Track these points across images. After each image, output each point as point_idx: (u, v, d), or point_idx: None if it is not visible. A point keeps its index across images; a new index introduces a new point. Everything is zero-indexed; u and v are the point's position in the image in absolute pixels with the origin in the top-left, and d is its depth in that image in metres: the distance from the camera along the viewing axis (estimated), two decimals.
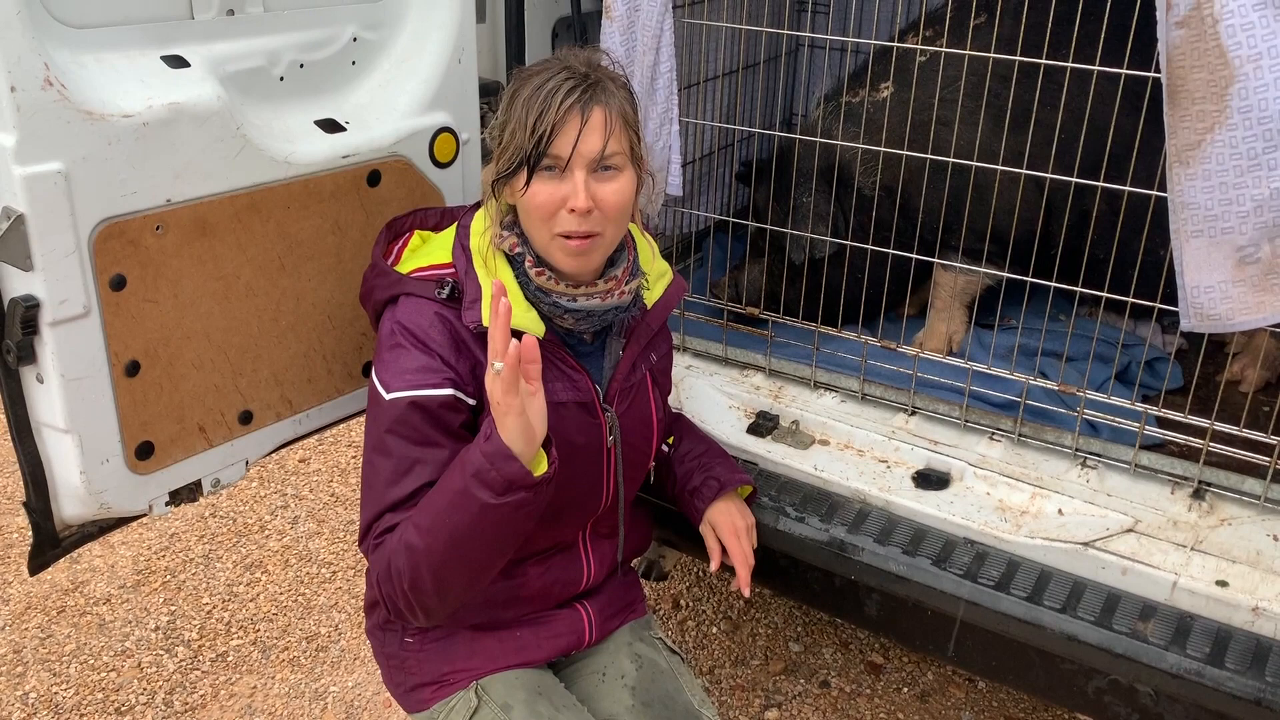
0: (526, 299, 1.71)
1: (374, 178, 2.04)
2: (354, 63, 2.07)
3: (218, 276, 1.83)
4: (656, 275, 1.87)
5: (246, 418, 1.96)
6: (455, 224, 1.82)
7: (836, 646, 2.85)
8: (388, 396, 1.66)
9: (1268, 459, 1.94)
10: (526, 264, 1.70)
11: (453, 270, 1.74)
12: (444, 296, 1.70)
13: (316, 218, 1.96)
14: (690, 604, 3.00)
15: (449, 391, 1.67)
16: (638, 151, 1.67)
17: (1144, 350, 2.45)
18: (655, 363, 1.92)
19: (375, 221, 2.06)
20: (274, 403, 2.00)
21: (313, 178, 1.93)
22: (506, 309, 1.46)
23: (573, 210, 1.60)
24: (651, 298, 1.86)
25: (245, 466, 2.00)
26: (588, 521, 1.91)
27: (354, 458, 3.71)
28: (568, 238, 1.63)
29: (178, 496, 1.89)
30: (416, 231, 1.92)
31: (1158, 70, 1.78)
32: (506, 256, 1.72)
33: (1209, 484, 2.01)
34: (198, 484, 1.92)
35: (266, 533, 3.34)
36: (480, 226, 1.76)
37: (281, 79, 1.94)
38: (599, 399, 1.80)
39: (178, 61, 1.75)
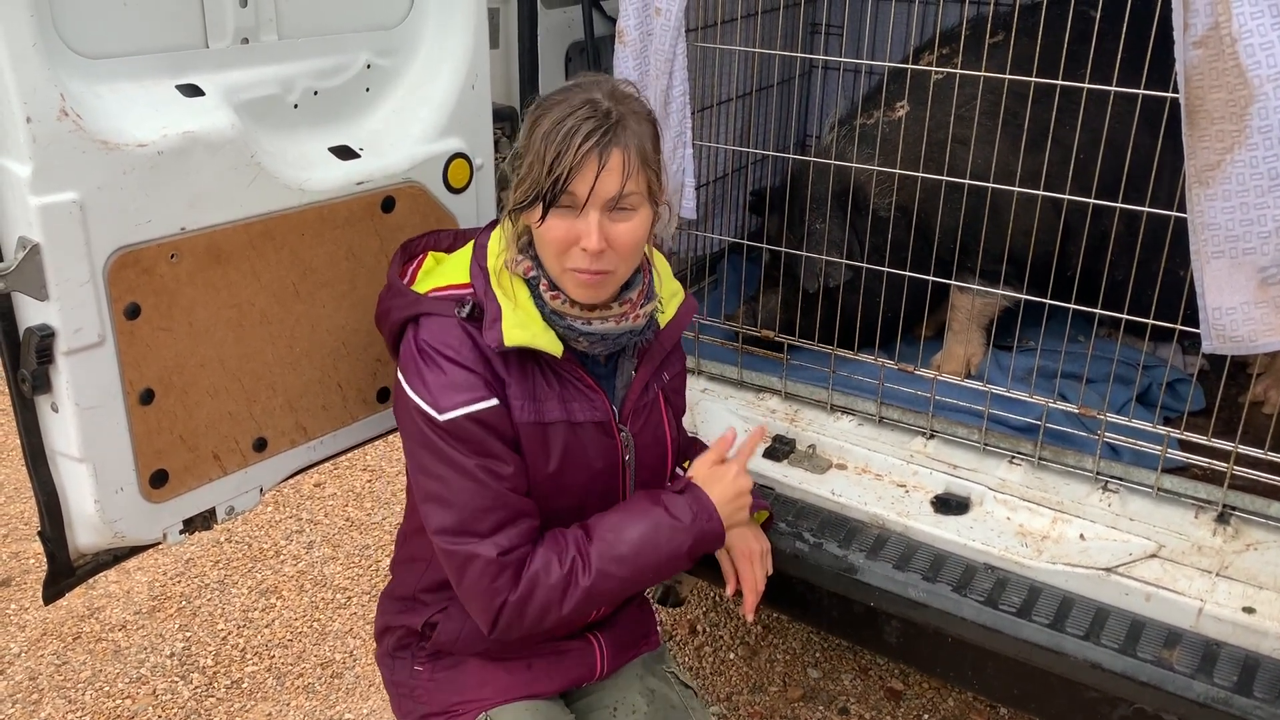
0: (543, 320, 1.71)
1: (388, 204, 2.04)
2: (368, 89, 2.07)
3: (232, 304, 1.83)
4: (669, 296, 1.87)
5: (261, 445, 1.95)
6: (469, 244, 1.82)
7: (856, 673, 2.81)
8: (442, 418, 1.65)
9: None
10: (541, 287, 1.70)
11: (471, 290, 1.74)
12: (464, 315, 1.70)
13: (330, 244, 1.96)
14: (707, 629, 2.98)
15: (495, 402, 1.67)
16: (655, 189, 1.66)
17: (1165, 372, 2.42)
18: (668, 382, 1.91)
19: (389, 248, 2.06)
20: (288, 429, 2.00)
21: (327, 205, 1.93)
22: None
23: (585, 249, 1.60)
24: (664, 319, 1.85)
25: (260, 494, 2.00)
26: None
27: (369, 482, 3.70)
28: (578, 271, 1.63)
29: (192, 525, 1.89)
30: (430, 253, 1.92)
31: (1176, 90, 1.77)
32: (523, 279, 1.72)
33: (1234, 508, 1.98)
34: (212, 512, 1.91)
35: (281, 558, 3.33)
36: (496, 248, 1.76)
37: (296, 106, 1.94)
38: (615, 419, 1.79)
39: (192, 90, 1.75)
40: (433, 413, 1.66)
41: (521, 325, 1.69)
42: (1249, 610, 1.79)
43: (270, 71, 1.90)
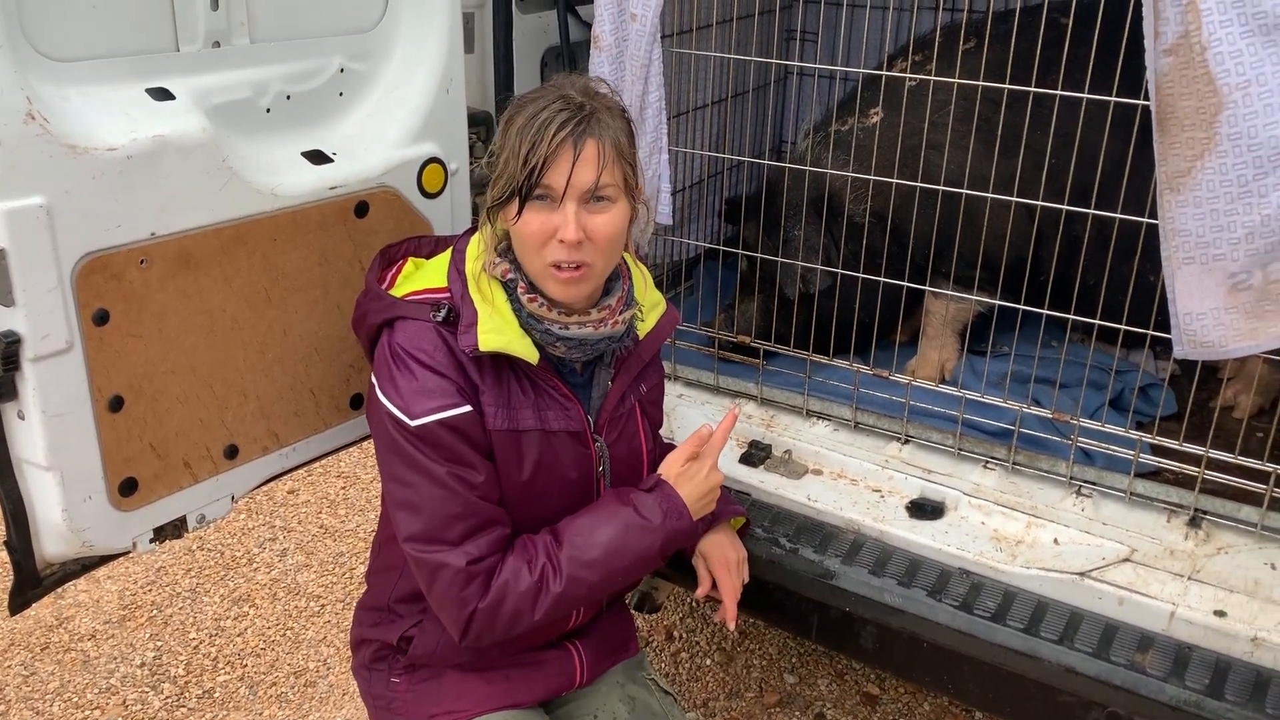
0: (520, 325, 1.70)
1: (361, 209, 2.03)
2: (341, 94, 2.06)
3: (203, 310, 1.81)
4: (650, 306, 1.86)
5: (232, 452, 1.93)
6: (450, 249, 1.81)
7: (832, 678, 2.82)
8: (414, 423, 1.63)
9: (1263, 486, 1.93)
10: (519, 290, 1.69)
11: (448, 294, 1.73)
12: (439, 319, 1.69)
13: (303, 249, 1.95)
14: (684, 635, 2.97)
15: (469, 409, 1.66)
16: (632, 182, 1.66)
17: (1137, 377, 2.44)
18: (645, 394, 1.91)
19: (363, 253, 2.04)
20: (260, 436, 1.98)
21: (299, 209, 1.91)
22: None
23: (563, 241, 1.59)
24: (644, 328, 1.84)
25: (231, 501, 1.97)
26: None
27: (344, 489, 3.68)
28: (558, 267, 1.62)
29: (162, 533, 1.86)
30: (410, 258, 1.91)
31: (1147, 97, 1.78)
32: (500, 282, 1.71)
33: (1205, 512, 2.00)
34: (182, 520, 1.89)
35: (254, 566, 3.30)
36: (475, 251, 1.75)
37: (268, 110, 1.93)
38: (590, 428, 1.78)
39: (162, 94, 1.73)
40: (404, 418, 1.64)
41: (497, 330, 1.67)
42: (1220, 614, 1.80)
43: (242, 75, 1.88)
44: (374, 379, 1.72)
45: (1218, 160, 1.75)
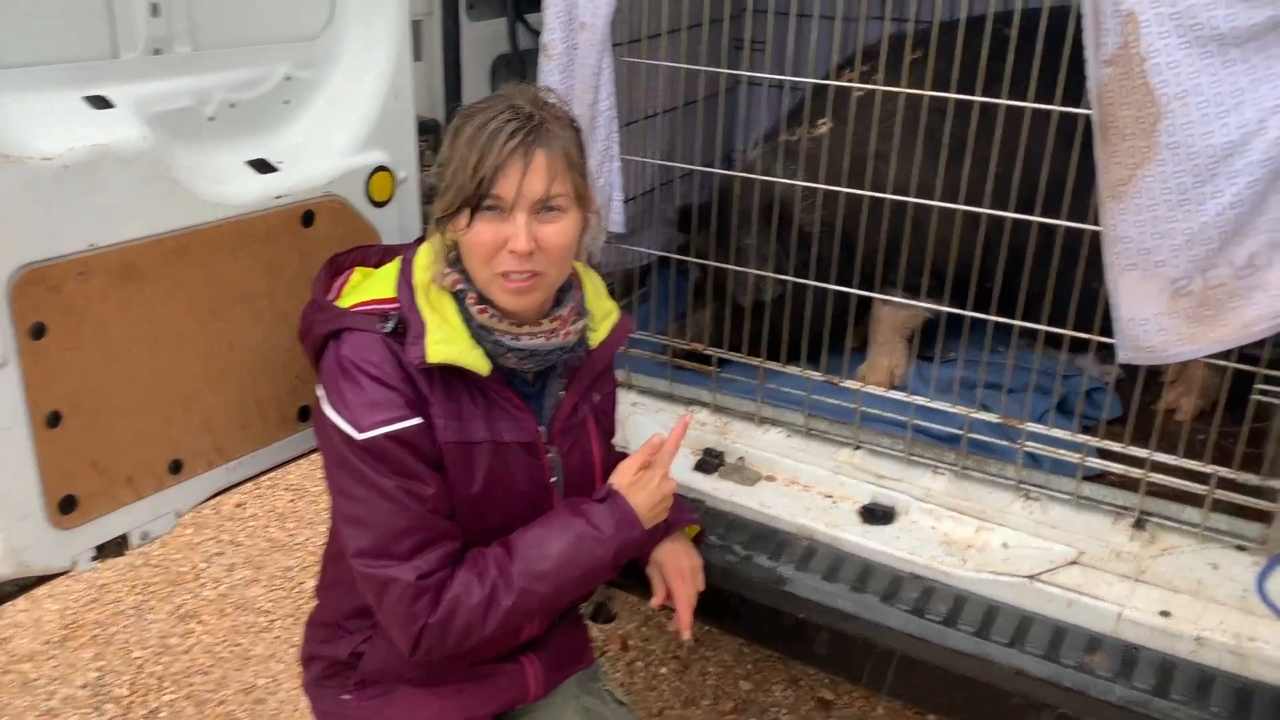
0: (470, 336, 1.68)
1: (308, 218, 2.00)
2: (287, 102, 2.03)
3: (145, 322, 1.77)
4: (602, 315, 1.85)
5: (176, 467, 1.89)
6: (397, 259, 1.79)
7: (786, 683, 2.82)
8: (361, 436, 1.61)
9: (1205, 488, 1.96)
10: (469, 301, 1.67)
11: (396, 305, 1.71)
12: (387, 330, 1.67)
13: (249, 260, 1.91)
14: (639, 644, 2.96)
15: (419, 421, 1.64)
16: (583, 191, 1.66)
17: (1082, 381, 2.48)
18: (598, 403, 1.90)
19: (310, 263, 2.01)
20: (205, 451, 1.94)
21: (245, 219, 1.88)
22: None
23: (513, 251, 1.58)
24: (596, 338, 1.84)
25: (176, 517, 1.93)
26: None
27: (292, 502, 3.62)
28: (508, 277, 1.61)
29: (104, 551, 1.82)
30: (357, 268, 1.89)
31: (1089, 107, 1.81)
32: (450, 293, 1.70)
33: (1150, 514, 2.03)
34: (124, 538, 1.84)
35: (201, 581, 3.24)
36: (424, 261, 1.73)
37: (211, 119, 1.90)
38: (542, 439, 1.77)
39: (101, 102, 1.69)
40: (351, 431, 1.62)
41: (447, 341, 1.66)
42: (1165, 614, 1.83)
43: (185, 83, 1.85)
44: (320, 391, 1.70)
45: (1157, 169, 1.78)
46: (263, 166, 1.95)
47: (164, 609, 3.12)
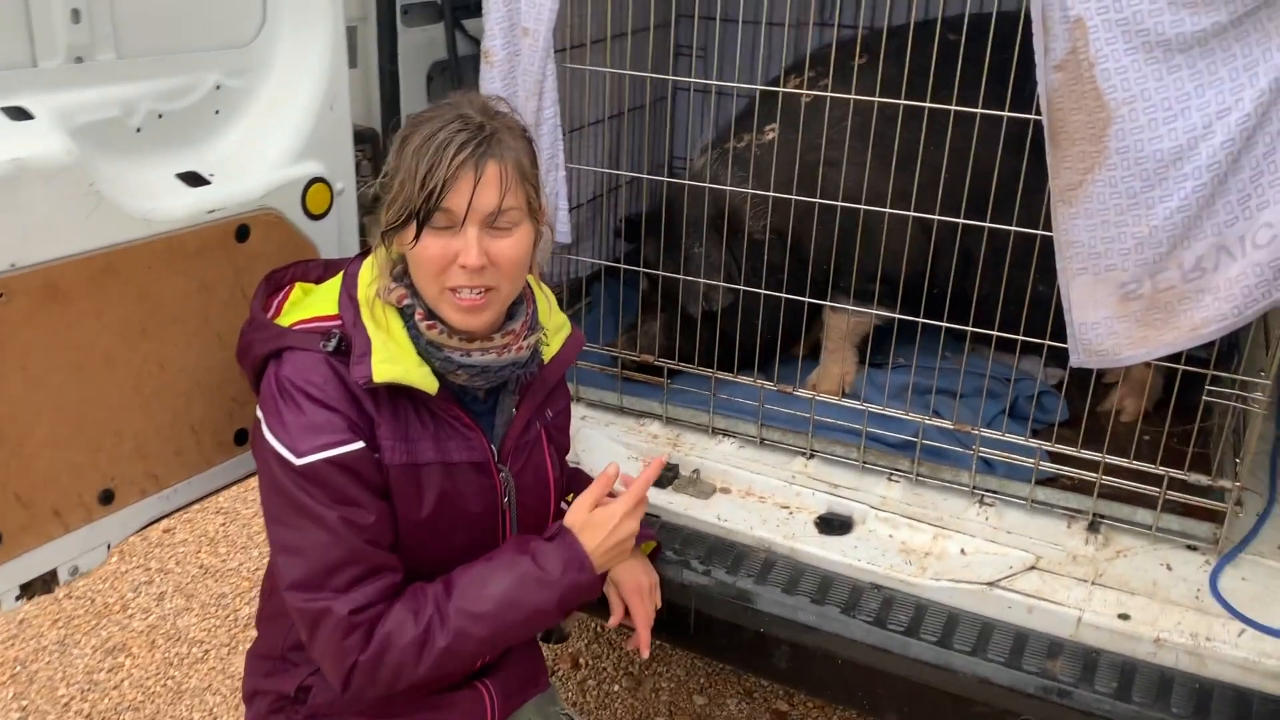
0: (418, 353, 1.62)
1: (243, 233, 1.91)
2: (218, 111, 1.95)
3: (72, 346, 1.68)
4: (554, 329, 1.80)
5: (108, 497, 1.79)
6: (340, 274, 1.72)
7: (741, 696, 2.79)
8: (299, 462, 1.54)
9: (1156, 489, 1.98)
10: (417, 317, 1.61)
11: (339, 322, 1.64)
12: (330, 349, 1.60)
13: (181, 278, 1.83)
14: (590, 662, 2.91)
15: (359, 445, 1.57)
16: (535, 204, 1.61)
17: (1032, 385, 2.49)
18: (551, 419, 1.85)
19: (245, 279, 1.93)
20: (138, 479, 1.84)
21: (176, 235, 1.80)
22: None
23: (464, 267, 1.52)
24: (549, 352, 1.79)
25: (107, 550, 1.84)
26: None
27: (224, 526, 3.49)
28: (456, 293, 1.55)
29: (30, 589, 1.72)
30: (297, 284, 1.81)
31: (1038, 112, 1.82)
32: (396, 309, 1.63)
33: (1103, 516, 2.04)
34: (53, 574, 1.75)
35: (129, 612, 3.10)
36: (368, 276, 1.67)
37: (139, 130, 1.81)
38: (493, 458, 1.71)
39: (19, 113, 1.60)
40: (289, 456, 1.55)
41: (393, 359, 1.59)
42: (1124, 616, 1.84)
43: (109, 93, 1.76)
44: (259, 414, 1.62)
45: (1107, 173, 1.79)
46: (194, 180, 1.87)
47: (89, 643, 2.98)
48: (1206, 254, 1.79)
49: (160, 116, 1.84)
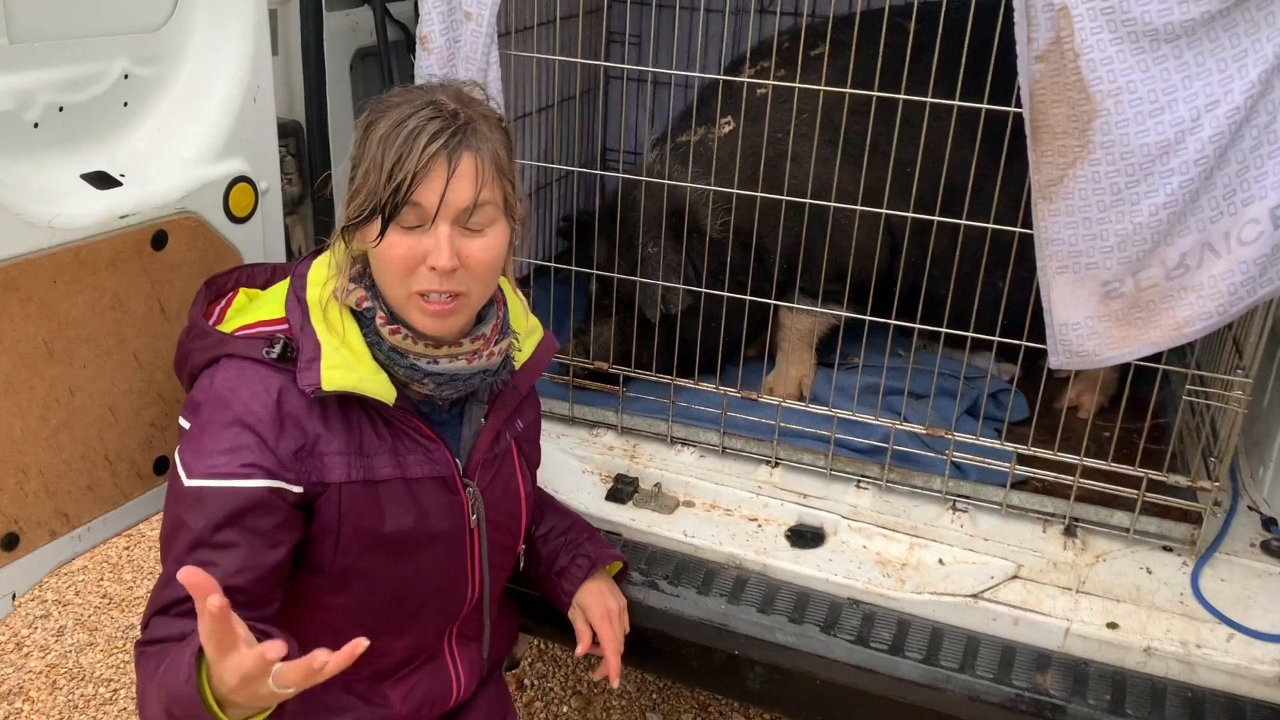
0: (376, 360, 1.47)
1: (160, 239, 1.72)
2: (126, 104, 1.74)
3: None
4: (526, 333, 1.67)
5: (11, 542, 1.59)
6: (288, 276, 1.55)
7: (695, 711, 2.69)
8: (187, 482, 1.39)
9: (1130, 490, 1.93)
10: (378, 321, 1.46)
11: (285, 326, 1.48)
12: (274, 356, 1.44)
13: (91, 291, 1.62)
14: (535, 682, 2.77)
15: (261, 484, 1.40)
16: (511, 201, 1.46)
17: (991, 383, 2.44)
18: (522, 430, 1.72)
19: (163, 291, 1.74)
20: (46, 519, 1.64)
21: (84, 244, 1.60)
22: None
23: (434, 268, 1.37)
24: (520, 358, 1.65)
25: (12, 600, 1.63)
26: (452, 623, 1.67)
27: (127, 549, 3.23)
28: (425, 297, 1.40)
29: None
30: (242, 290, 1.63)
31: (1017, 105, 1.74)
32: (353, 312, 1.47)
33: (1078, 520, 1.99)
34: None
35: (25, 651, 2.83)
36: (319, 276, 1.51)
37: (36, 126, 1.60)
38: (459, 473, 1.57)
39: None
40: (181, 472, 1.41)
41: (346, 366, 1.44)
42: (1113, 625, 1.79)
43: (1, 83, 1.54)
44: (181, 416, 1.48)
45: (1090, 168, 1.73)
46: (103, 181, 1.66)
47: None
48: (1190, 250, 1.75)
49: (61, 110, 1.63)
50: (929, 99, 1.88)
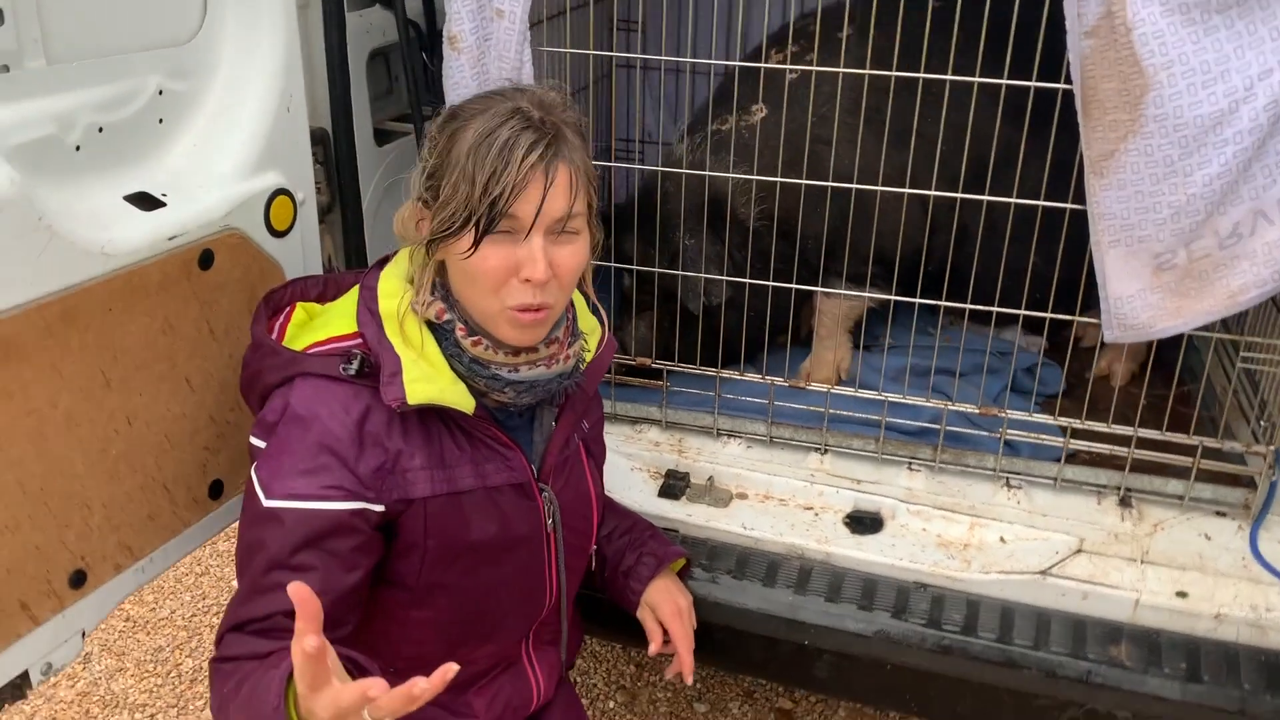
0: (455, 371, 1.45)
1: (206, 259, 1.67)
2: (161, 120, 1.69)
3: (28, 410, 1.42)
4: (589, 331, 1.65)
5: (79, 579, 1.55)
6: (355, 288, 1.52)
7: (742, 698, 2.69)
8: (265, 503, 1.37)
9: (1183, 459, 1.94)
10: (458, 333, 1.44)
11: (359, 340, 1.46)
12: (351, 372, 1.42)
13: (144, 317, 1.58)
14: (578, 679, 2.75)
15: (341, 506, 1.38)
16: (595, 208, 1.44)
17: (1028, 358, 2.44)
18: (588, 431, 1.71)
19: (210, 313, 1.70)
20: (111, 553, 1.60)
21: (136, 269, 1.55)
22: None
23: (528, 280, 1.35)
24: (586, 358, 1.63)
25: (82, 639, 1.59)
26: (531, 627, 1.66)
27: None
28: (519, 309, 1.38)
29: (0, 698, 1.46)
30: (298, 304, 1.60)
31: (1065, 80, 1.74)
32: (433, 324, 1.45)
33: (1132, 490, 2.00)
34: (24, 676, 1.50)
35: (53, 680, 2.77)
36: (390, 288, 1.48)
37: (78, 148, 1.54)
38: (535, 478, 1.55)
39: None
40: (259, 492, 1.38)
41: (427, 378, 1.42)
42: (1182, 595, 1.80)
43: (41, 106, 1.49)
44: (251, 434, 1.47)
45: (1143, 141, 1.73)
46: (146, 202, 1.61)
47: None
48: (1243, 219, 1.75)
49: (100, 130, 1.57)
50: (976, 78, 1.86)
